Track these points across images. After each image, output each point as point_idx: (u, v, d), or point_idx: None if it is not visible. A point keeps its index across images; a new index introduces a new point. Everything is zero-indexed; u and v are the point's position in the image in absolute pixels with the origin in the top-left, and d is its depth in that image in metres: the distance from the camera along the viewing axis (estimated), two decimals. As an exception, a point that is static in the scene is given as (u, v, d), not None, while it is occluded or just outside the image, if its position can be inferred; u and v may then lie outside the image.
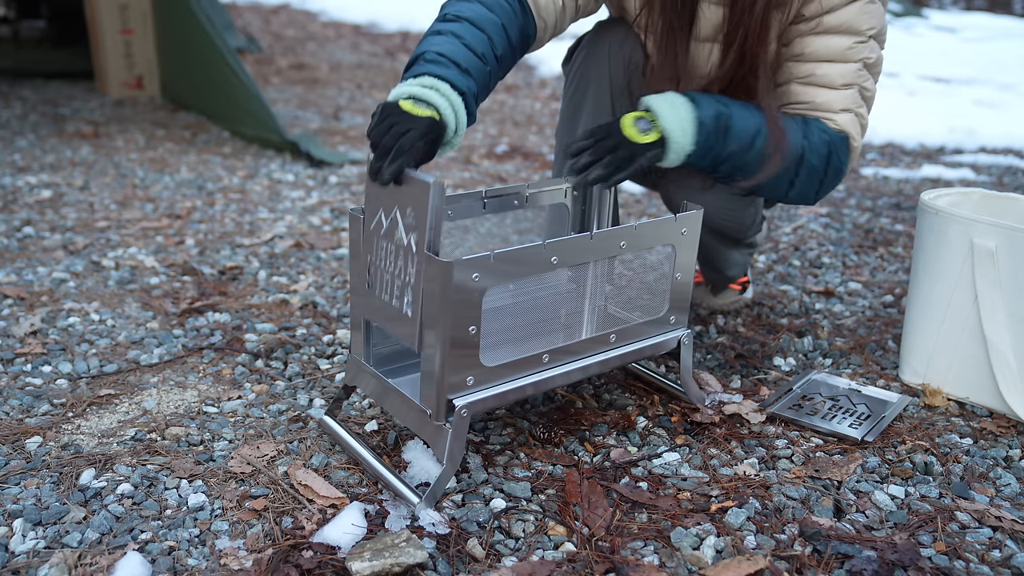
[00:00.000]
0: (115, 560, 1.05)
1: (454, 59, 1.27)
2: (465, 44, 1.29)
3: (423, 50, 1.28)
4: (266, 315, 1.83)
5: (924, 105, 4.96)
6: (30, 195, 2.60)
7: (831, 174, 1.44)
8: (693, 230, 1.36)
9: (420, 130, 1.16)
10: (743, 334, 1.81)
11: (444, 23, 1.32)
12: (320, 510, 1.17)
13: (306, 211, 2.60)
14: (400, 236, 1.15)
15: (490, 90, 1.35)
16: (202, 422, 1.40)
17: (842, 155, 1.42)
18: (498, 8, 1.35)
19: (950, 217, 1.50)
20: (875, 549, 1.12)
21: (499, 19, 1.33)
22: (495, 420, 1.42)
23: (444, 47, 1.27)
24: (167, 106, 4.06)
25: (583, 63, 1.57)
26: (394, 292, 1.19)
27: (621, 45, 1.53)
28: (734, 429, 1.43)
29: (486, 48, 1.31)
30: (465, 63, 1.27)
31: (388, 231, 1.17)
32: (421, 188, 1.10)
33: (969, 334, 1.51)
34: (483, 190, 1.37)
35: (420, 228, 1.11)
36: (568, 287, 1.39)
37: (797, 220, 2.69)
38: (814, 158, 1.40)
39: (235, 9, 7.73)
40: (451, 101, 1.24)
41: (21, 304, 1.82)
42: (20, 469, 1.24)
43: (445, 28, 1.31)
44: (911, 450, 1.38)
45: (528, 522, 1.16)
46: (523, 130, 4.03)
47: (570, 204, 1.51)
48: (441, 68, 1.25)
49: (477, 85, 1.29)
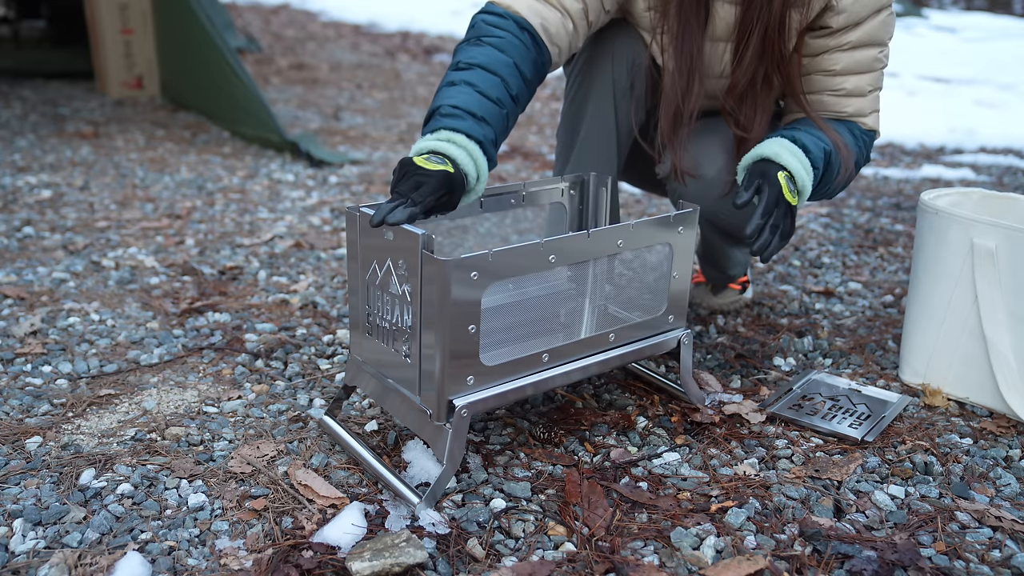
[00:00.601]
0: (115, 560, 1.05)
1: (469, 110, 1.29)
2: (479, 92, 1.31)
3: (438, 104, 1.30)
4: (266, 315, 1.83)
5: (924, 105, 4.96)
6: (30, 195, 2.60)
7: (860, 169, 1.53)
8: (689, 229, 1.36)
9: (433, 185, 1.19)
10: (743, 334, 1.81)
11: (457, 72, 1.34)
12: (320, 510, 1.17)
13: (306, 211, 2.60)
14: (394, 286, 1.18)
15: (509, 130, 1.38)
16: (202, 422, 1.40)
17: (870, 151, 1.53)
18: (510, 48, 1.35)
19: (950, 217, 1.50)
20: (875, 549, 1.12)
21: (511, 59, 1.34)
22: (495, 420, 1.42)
23: (458, 99, 1.29)
24: (167, 106, 4.06)
25: (585, 65, 1.57)
26: (392, 339, 1.21)
27: (624, 47, 1.54)
28: (734, 429, 1.43)
29: (501, 92, 1.32)
30: (480, 111, 1.29)
31: (383, 281, 1.20)
32: (411, 240, 1.12)
33: (969, 334, 1.51)
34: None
35: (413, 278, 1.13)
36: (567, 287, 1.39)
37: (797, 220, 2.69)
38: (863, 161, 1.51)
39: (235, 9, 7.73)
40: (468, 150, 1.26)
41: (21, 304, 1.82)
42: (20, 469, 1.24)
43: (458, 78, 1.32)
44: (911, 450, 1.38)
45: (528, 522, 1.16)
46: (523, 130, 4.03)
47: (567, 203, 1.51)
48: (456, 121, 1.27)
49: (495, 131, 1.31)
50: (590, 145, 1.60)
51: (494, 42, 1.35)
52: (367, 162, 3.25)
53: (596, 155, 1.60)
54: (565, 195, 1.50)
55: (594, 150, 1.60)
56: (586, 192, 1.52)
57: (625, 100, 1.56)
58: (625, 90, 1.56)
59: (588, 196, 1.52)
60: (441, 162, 1.22)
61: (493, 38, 1.35)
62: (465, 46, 1.37)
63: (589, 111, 1.58)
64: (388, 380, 1.25)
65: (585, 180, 1.52)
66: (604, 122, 1.58)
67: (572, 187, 1.51)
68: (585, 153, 1.61)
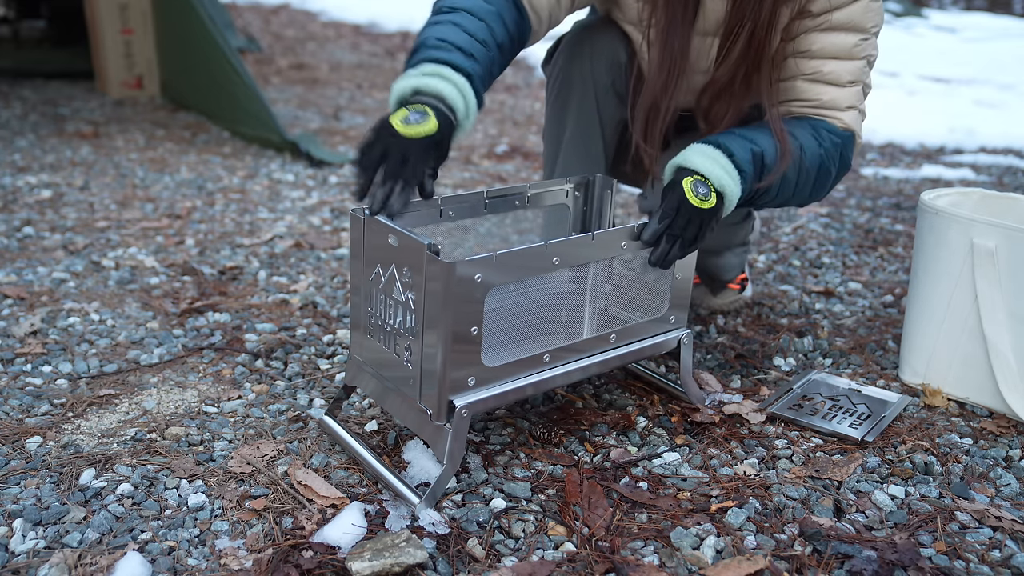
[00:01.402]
0: (115, 560, 1.05)
1: (456, 43, 1.25)
2: (465, 31, 1.27)
3: (423, 38, 1.27)
4: (266, 315, 1.83)
5: (924, 105, 4.96)
6: (30, 195, 2.60)
7: (841, 172, 1.47)
8: None
9: (418, 154, 1.15)
10: (743, 334, 1.81)
11: (441, 15, 1.31)
12: (320, 510, 1.17)
13: (306, 211, 2.60)
14: (398, 292, 1.18)
15: (493, 77, 1.33)
16: (202, 422, 1.40)
17: (849, 153, 1.45)
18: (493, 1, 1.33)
19: (950, 217, 1.50)
20: (875, 549, 1.12)
21: (495, 8, 1.32)
22: (495, 420, 1.42)
23: (445, 33, 1.26)
24: (167, 106, 4.06)
25: (565, 65, 1.56)
26: (394, 344, 1.21)
27: (603, 44, 1.52)
28: (734, 429, 1.43)
29: (486, 35, 1.29)
30: (468, 47, 1.25)
31: (386, 286, 1.20)
32: (416, 249, 1.12)
33: (969, 334, 1.51)
34: (484, 191, 1.37)
35: (417, 287, 1.13)
36: (569, 287, 1.39)
37: (797, 220, 2.69)
38: (831, 164, 1.43)
39: (235, 9, 7.73)
40: (456, 84, 1.21)
41: (21, 304, 1.82)
42: (20, 469, 1.24)
43: (443, 18, 1.29)
44: (911, 450, 1.38)
45: (528, 522, 1.16)
46: (523, 130, 4.03)
47: (572, 205, 1.51)
48: (444, 52, 1.23)
49: (482, 68, 1.27)
50: (576, 145, 1.59)
51: None
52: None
53: (583, 154, 1.59)
54: (569, 196, 1.50)
55: (580, 150, 1.59)
56: (590, 194, 1.52)
57: (608, 97, 1.54)
58: (607, 88, 1.54)
59: (592, 198, 1.51)
60: (421, 118, 1.16)
61: None
62: None
63: (572, 112, 1.57)
64: (388, 380, 1.25)
65: (590, 182, 1.52)
66: (588, 121, 1.56)
67: (576, 189, 1.51)
68: (572, 153, 1.59)
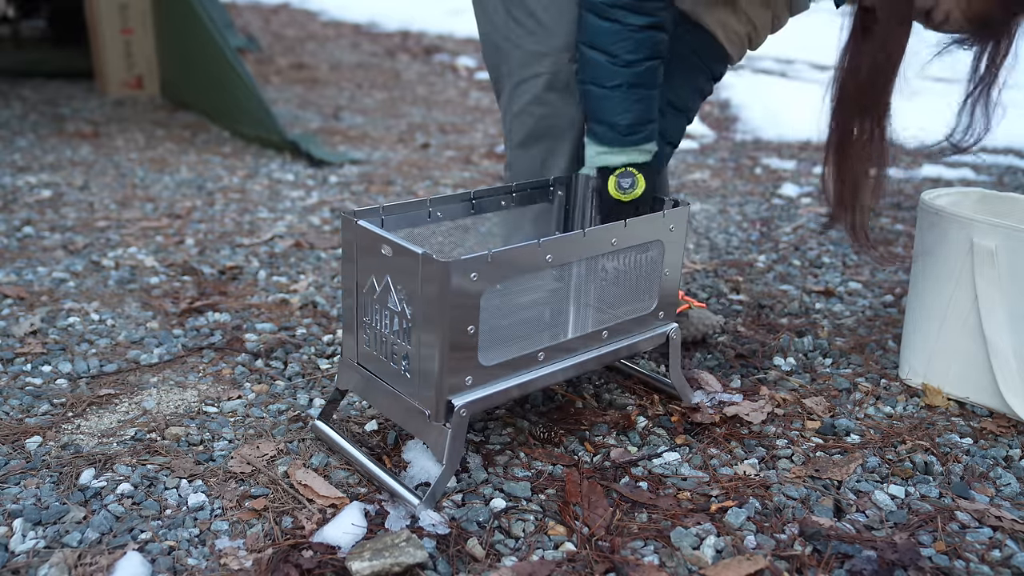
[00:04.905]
0: (115, 560, 1.05)
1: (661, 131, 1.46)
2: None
3: (656, 125, 1.41)
4: (266, 315, 1.83)
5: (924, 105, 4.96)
6: (30, 195, 2.60)
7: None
8: (680, 226, 1.38)
9: (627, 214, 1.35)
10: (743, 334, 1.81)
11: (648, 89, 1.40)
12: (320, 510, 1.17)
13: (306, 211, 2.60)
14: (393, 303, 1.18)
15: None
16: (202, 422, 1.40)
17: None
18: None
19: (950, 217, 1.50)
20: (875, 549, 1.12)
21: None
22: (495, 420, 1.42)
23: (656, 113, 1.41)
24: (167, 106, 4.06)
25: None
26: (391, 353, 1.21)
27: None
28: (734, 429, 1.43)
29: None
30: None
31: (381, 296, 1.20)
32: (411, 259, 1.12)
33: (969, 334, 1.51)
34: (471, 191, 1.38)
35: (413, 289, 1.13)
36: (559, 285, 1.40)
37: (797, 220, 2.69)
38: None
39: (235, 9, 7.73)
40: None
41: (21, 304, 1.82)
42: (20, 469, 1.24)
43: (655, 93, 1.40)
44: (911, 450, 1.38)
45: (528, 522, 1.16)
46: (523, 130, 4.01)
47: (556, 202, 1.52)
48: (656, 144, 1.43)
49: None
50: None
51: None
52: (367, 162, 3.25)
53: None
54: (554, 194, 1.51)
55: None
56: (574, 192, 1.52)
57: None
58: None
59: (576, 196, 1.52)
60: (632, 185, 1.38)
61: None
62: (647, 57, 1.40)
63: None
64: (383, 382, 1.24)
65: (572, 179, 1.52)
66: None
67: (558, 186, 1.52)
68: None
